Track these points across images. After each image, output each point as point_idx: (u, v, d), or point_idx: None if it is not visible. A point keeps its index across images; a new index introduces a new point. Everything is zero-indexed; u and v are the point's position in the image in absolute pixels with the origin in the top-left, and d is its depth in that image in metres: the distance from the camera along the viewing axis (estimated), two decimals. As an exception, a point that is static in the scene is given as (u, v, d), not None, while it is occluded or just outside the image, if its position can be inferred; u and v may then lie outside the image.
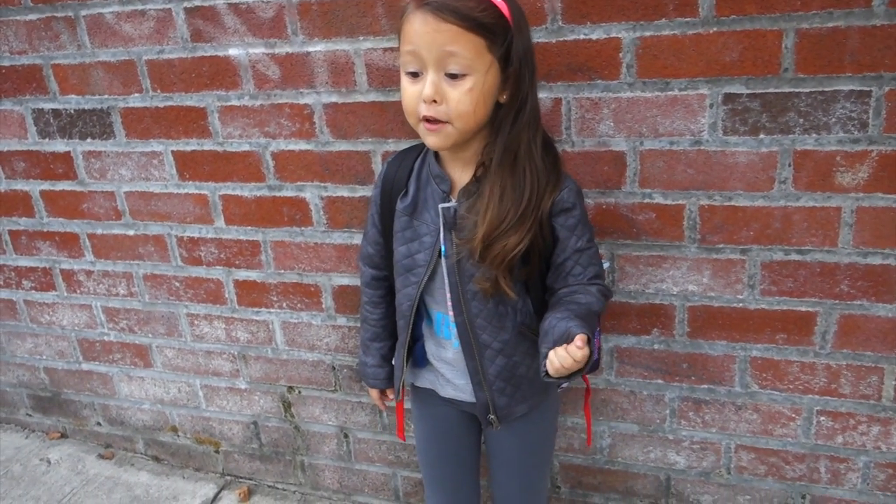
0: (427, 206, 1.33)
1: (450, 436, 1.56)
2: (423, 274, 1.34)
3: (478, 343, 1.33)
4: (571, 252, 1.30)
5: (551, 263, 1.32)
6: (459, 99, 1.16)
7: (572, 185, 1.29)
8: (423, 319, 1.44)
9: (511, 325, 1.34)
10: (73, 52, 1.91)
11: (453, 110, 1.17)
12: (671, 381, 1.72)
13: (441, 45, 1.13)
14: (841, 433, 1.64)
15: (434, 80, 1.16)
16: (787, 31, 1.36)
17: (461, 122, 1.18)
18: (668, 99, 1.47)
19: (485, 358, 1.34)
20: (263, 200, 1.89)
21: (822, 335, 1.57)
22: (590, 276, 1.31)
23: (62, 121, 2.02)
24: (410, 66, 1.18)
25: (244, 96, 1.79)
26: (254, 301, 2.04)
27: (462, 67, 1.14)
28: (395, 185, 1.39)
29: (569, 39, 1.48)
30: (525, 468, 1.54)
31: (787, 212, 1.49)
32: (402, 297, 1.41)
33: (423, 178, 1.36)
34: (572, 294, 1.30)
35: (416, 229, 1.34)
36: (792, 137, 1.43)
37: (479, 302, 1.31)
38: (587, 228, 1.32)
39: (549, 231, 1.28)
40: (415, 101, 1.19)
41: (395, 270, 1.41)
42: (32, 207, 2.20)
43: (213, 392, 2.25)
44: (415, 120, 1.23)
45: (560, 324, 1.19)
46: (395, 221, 1.38)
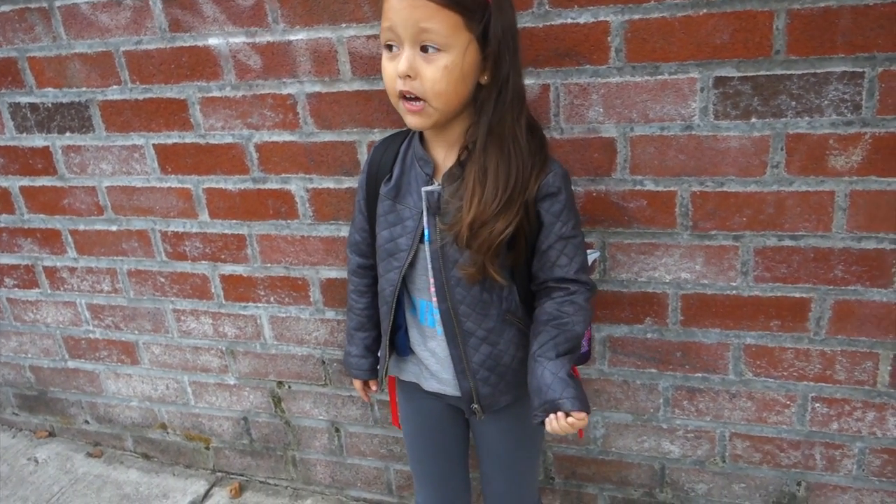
0: (410, 190, 1.31)
1: (436, 429, 1.54)
2: (405, 258, 1.32)
3: (461, 330, 1.31)
4: (556, 239, 1.27)
5: (536, 249, 1.29)
6: (434, 76, 1.14)
7: (558, 170, 1.26)
8: (406, 307, 1.41)
9: (496, 313, 1.31)
10: (48, 44, 1.87)
11: (429, 88, 1.15)
12: (665, 370, 1.70)
13: (417, 21, 1.11)
14: (836, 419, 1.63)
15: (409, 55, 1.14)
16: (778, 12, 1.33)
17: (439, 100, 1.16)
18: (658, 83, 1.44)
19: (468, 346, 1.32)
20: (248, 193, 1.85)
21: (816, 321, 1.55)
22: (576, 269, 1.28)
23: (40, 115, 1.98)
24: (388, 40, 1.16)
25: (225, 87, 1.75)
26: (241, 296, 2.01)
27: (437, 44, 1.13)
28: (380, 169, 1.38)
29: (556, 24, 1.44)
30: (513, 460, 1.52)
31: (780, 197, 1.46)
32: (384, 282, 1.39)
33: (407, 162, 1.33)
34: (561, 312, 1.28)
35: (398, 213, 1.32)
36: (784, 121, 1.40)
37: (462, 288, 1.28)
38: (573, 214, 1.28)
39: (534, 216, 1.26)
40: (393, 78, 1.17)
41: (378, 255, 1.39)
42: (12, 204, 2.15)
43: (201, 388, 2.22)
44: (394, 99, 1.21)
45: (555, 384, 1.22)
46: (378, 205, 1.37)
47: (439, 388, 1.41)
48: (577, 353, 1.30)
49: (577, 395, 1.22)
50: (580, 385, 1.26)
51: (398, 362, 1.49)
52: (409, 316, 1.42)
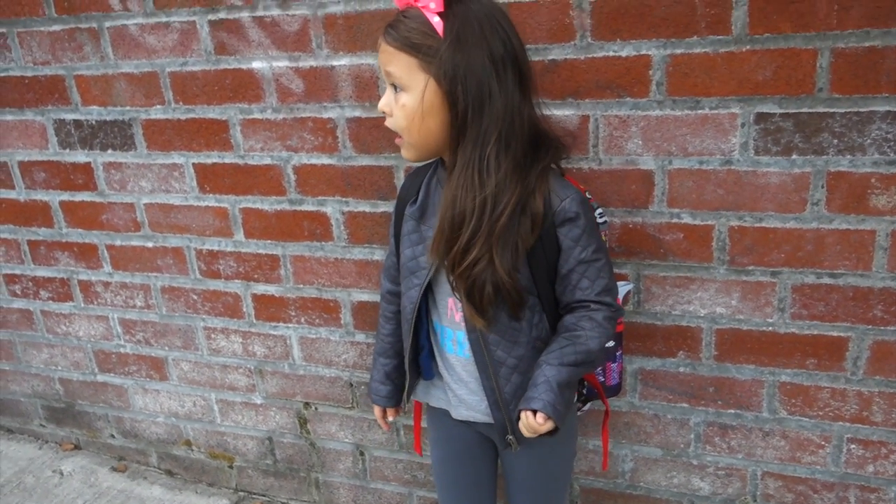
0: (434, 211, 1.34)
1: (465, 458, 1.53)
2: (426, 276, 1.33)
3: (492, 360, 1.31)
4: (576, 263, 1.26)
5: (557, 273, 1.29)
6: (398, 113, 1.25)
7: (575, 195, 1.26)
8: (425, 328, 1.42)
9: (525, 341, 1.31)
10: (96, 64, 1.91)
11: (395, 124, 1.27)
12: (696, 405, 1.68)
13: (384, 64, 1.25)
14: (872, 462, 1.60)
15: (388, 94, 1.26)
16: (822, 51, 1.33)
17: (409, 135, 1.26)
18: (699, 117, 1.44)
19: (500, 376, 1.32)
20: (284, 214, 1.88)
21: (853, 361, 1.53)
22: (598, 291, 1.27)
23: (83, 132, 2.02)
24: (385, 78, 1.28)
25: (267, 109, 1.78)
26: (272, 315, 2.02)
27: (400, 84, 1.23)
28: (408, 192, 1.42)
29: (598, 56, 1.46)
30: (543, 491, 1.50)
31: (820, 234, 1.45)
32: (405, 300, 1.41)
33: (432, 185, 1.37)
34: (576, 325, 1.28)
35: (422, 233, 1.35)
36: (825, 158, 1.40)
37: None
38: (593, 240, 1.27)
39: (554, 242, 1.26)
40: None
41: (401, 275, 1.41)
42: (52, 218, 2.19)
43: (228, 406, 2.23)
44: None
45: (541, 386, 1.24)
46: (402, 226, 1.39)
47: (469, 416, 1.41)
48: (584, 368, 1.27)
49: (553, 403, 1.22)
50: (566, 398, 1.25)
51: (426, 388, 1.49)
52: (434, 341, 1.43)
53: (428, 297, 1.39)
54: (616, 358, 1.50)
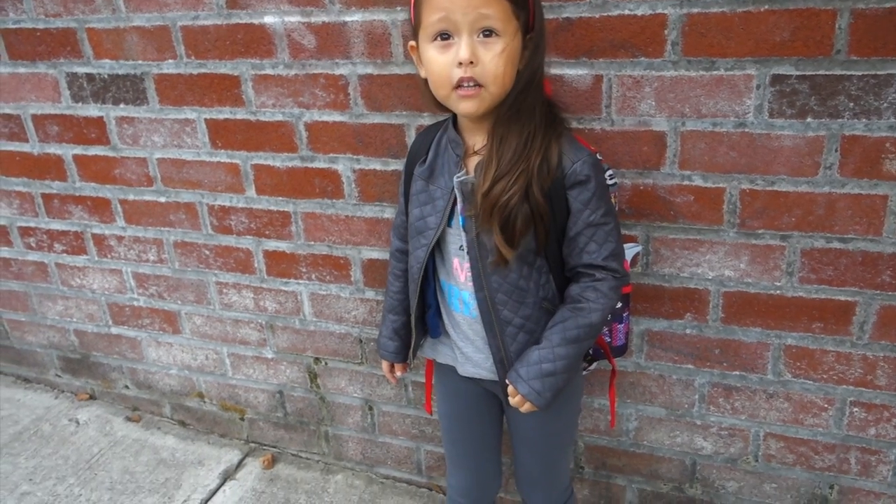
0: (443, 172, 1.34)
1: (471, 412, 1.56)
2: (433, 236, 1.35)
3: (498, 319, 1.32)
4: (584, 226, 1.27)
5: (566, 235, 1.30)
6: (493, 60, 1.17)
7: (587, 158, 1.26)
8: (432, 287, 1.44)
9: (532, 301, 1.32)
10: (107, 17, 1.90)
11: (489, 72, 1.17)
12: (702, 367, 1.70)
13: (476, 7, 1.14)
14: (874, 425, 1.62)
15: (469, 42, 1.16)
16: (841, 11, 1.31)
17: (495, 85, 1.19)
18: (714, 79, 1.43)
19: (506, 335, 1.33)
20: (295, 171, 1.88)
21: (860, 325, 1.54)
22: (605, 255, 1.28)
23: (96, 85, 2.02)
24: (441, 29, 1.17)
25: (279, 65, 1.77)
26: (283, 272, 2.04)
27: (495, 29, 1.16)
28: (418, 152, 1.42)
29: (613, 14, 1.44)
30: (547, 447, 1.53)
31: (832, 198, 1.45)
32: (412, 259, 1.42)
33: (441, 145, 1.37)
34: (581, 296, 1.29)
35: (430, 193, 1.36)
36: (840, 122, 1.39)
37: (499, 276, 1.29)
38: (603, 203, 1.28)
39: (563, 204, 1.26)
40: (448, 68, 1.18)
41: (409, 234, 1.42)
42: (65, 171, 2.21)
43: (239, 360, 2.26)
44: (447, 90, 1.21)
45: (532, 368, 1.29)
46: (412, 185, 1.40)
47: (475, 373, 1.43)
48: (585, 343, 1.30)
49: (540, 391, 1.28)
50: (555, 385, 1.29)
51: (434, 344, 1.51)
52: (440, 299, 1.45)
53: (436, 256, 1.40)
54: (622, 319, 1.52)
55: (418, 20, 1.21)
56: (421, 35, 1.21)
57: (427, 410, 1.66)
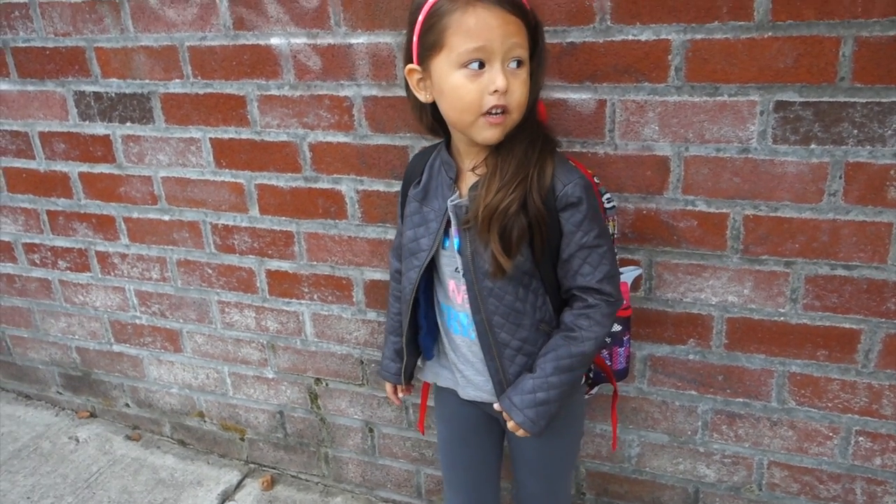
0: (437, 194, 1.35)
1: (471, 438, 1.54)
2: (425, 258, 1.35)
3: (496, 341, 1.32)
4: (577, 248, 1.26)
5: (559, 258, 1.30)
6: (520, 88, 1.20)
7: (579, 180, 1.25)
8: (423, 308, 1.43)
9: (529, 323, 1.32)
10: (116, 36, 1.92)
11: (515, 100, 1.20)
12: (705, 393, 1.68)
13: (510, 37, 1.16)
14: (880, 455, 1.60)
15: (503, 70, 1.17)
16: (845, 39, 1.31)
17: (518, 112, 1.22)
18: (717, 104, 1.43)
19: (504, 357, 1.33)
20: (299, 191, 1.88)
21: (865, 354, 1.52)
22: (599, 278, 1.27)
23: (103, 104, 2.03)
24: (475, 57, 1.16)
25: (284, 86, 1.78)
26: (285, 291, 2.04)
27: (523, 58, 1.19)
28: (412, 175, 1.43)
29: (616, 40, 1.44)
30: (548, 471, 1.52)
31: (836, 225, 1.44)
32: (405, 280, 1.42)
33: (435, 167, 1.38)
34: (574, 325, 1.29)
35: (424, 215, 1.36)
36: (845, 149, 1.38)
37: (495, 298, 1.29)
38: (595, 224, 1.27)
39: (556, 225, 1.26)
40: (481, 96, 1.18)
41: (403, 255, 1.43)
42: (71, 189, 2.22)
43: (240, 380, 2.25)
44: (474, 117, 1.20)
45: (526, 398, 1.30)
46: (406, 206, 1.41)
47: (476, 396, 1.42)
48: (578, 372, 1.31)
49: (533, 420, 1.29)
50: (548, 413, 1.30)
51: (434, 368, 1.51)
52: (440, 321, 1.44)
53: (434, 278, 1.40)
54: (623, 343, 1.51)
55: (438, 46, 1.19)
56: (441, 60, 1.19)
57: (420, 430, 1.65)
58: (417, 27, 1.22)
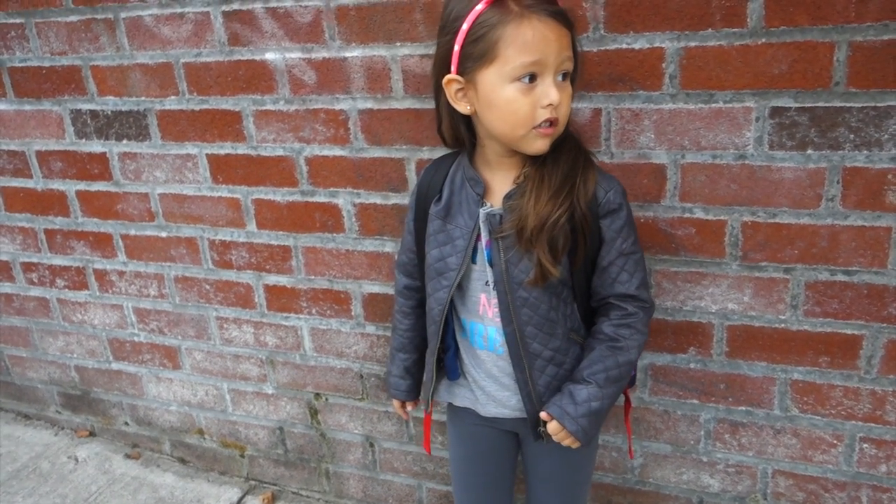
0: (461, 210, 1.32)
1: (488, 458, 1.52)
2: (455, 277, 1.32)
3: (527, 353, 1.30)
4: (617, 255, 1.28)
5: (597, 266, 1.30)
6: (566, 100, 1.20)
7: (618, 187, 1.28)
8: (452, 328, 1.41)
9: (562, 332, 1.31)
10: (111, 54, 1.92)
11: (563, 113, 1.20)
12: (707, 402, 1.67)
13: (563, 50, 1.16)
14: (885, 462, 1.58)
15: (556, 84, 1.17)
16: (839, 44, 1.31)
17: (563, 124, 1.23)
18: (713, 111, 1.43)
19: (534, 369, 1.31)
20: (296, 205, 1.88)
21: (867, 359, 1.51)
22: (637, 284, 1.29)
23: (99, 122, 2.04)
24: (530, 72, 1.15)
25: (279, 101, 1.78)
26: (283, 306, 2.03)
27: (571, 69, 1.20)
28: (430, 189, 1.39)
29: (610, 49, 1.45)
30: (568, 484, 1.49)
31: (834, 230, 1.43)
32: (432, 301, 1.38)
33: (456, 182, 1.34)
34: (617, 335, 1.30)
35: (448, 233, 1.33)
36: (841, 154, 1.38)
37: (529, 309, 1.28)
38: (632, 231, 1.29)
39: (596, 232, 1.27)
40: (534, 109, 1.17)
41: (427, 275, 1.39)
42: (68, 207, 2.21)
43: (240, 396, 2.24)
44: (526, 130, 1.19)
45: (582, 407, 1.27)
46: (428, 225, 1.37)
47: (498, 413, 1.40)
48: (624, 381, 1.31)
49: (587, 429, 1.28)
50: (599, 422, 1.30)
51: (450, 387, 1.48)
52: (460, 338, 1.42)
53: (454, 295, 1.36)
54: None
55: (489, 57, 1.15)
56: (491, 73, 1.16)
57: (426, 450, 1.62)
58: (461, 36, 1.16)
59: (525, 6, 1.12)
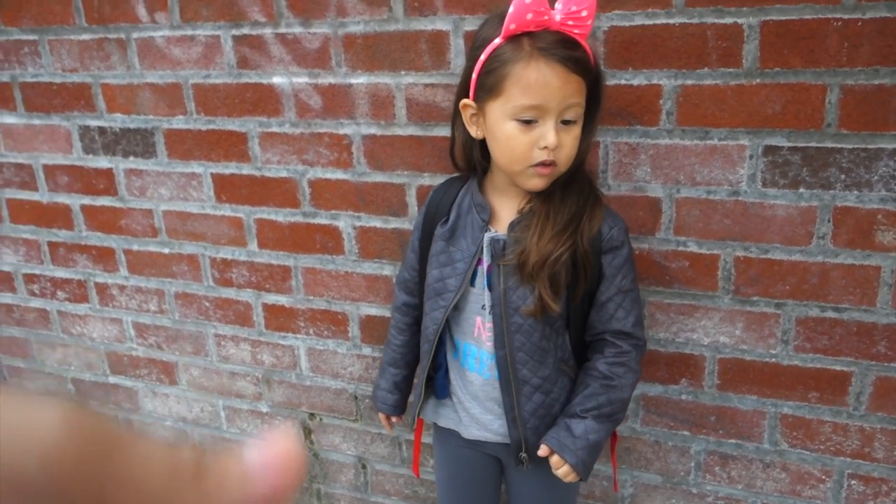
0: (465, 234, 1.35)
1: (471, 480, 1.54)
2: (452, 299, 1.34)
3: (516, 378, 1.32)
4: (616, 291, 1.30)
5: (595, 301, 1.33)
6: (570, 143, 1.21)
7: (622, 225, 1.31)
8: (448, 350, 1.43)
9: (552, 361, 1.33)
10: (122, 73, 1.96)
11: (565, 155, 1.21)
12: (698, 434, 1.68)
13: (567, 97, 1.16)
14: (872, 499, 1.59)
15: (556, 127, 1.18)
16: (831, 87, 1.35)
17: (565, 164, 1.23)
18: (708, 148, 1.46)
19: (521, 394, 1.33)
20: (297, 226, 1.91)
21: (856, 396, 1.53)
22: (633, 322, 1.32)
23: (107, 138, 2.07)
24: (528, 116, 1.18)
25: (285, 124, 1.81)
26: (281, 325, 2.05)
27: (577, 116, 1.21)
28: (438, 211, 1.42)
29: (610, 84, 1.48)
30: None
31: (825, 268, 1.46)
32: (428, 320, 1.41)
33: (464, 207, 1.37)
34: (611, 373, 1.31)
35: (450, 255, 1.36)
36: (833, 193, 1.41)
37: (522, 335, 1.30)
38: (632, 269, 1.33)
39: (597, 268, 1.29)
40: (530, 149, 1.19)
41: (426, 294, 1.42)
42: (72, 220, 2.24)
43: (234, 413, 2.25)
44: (522, 167, 1.22)
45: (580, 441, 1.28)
46: (431, 246, 1.40)
47: (480, 436, 1.42)
48: (618, 417, 1.33)
49: (586, 462, 1.29)
50: (597, 455, 1.31)
51: (436, 407, 1.50)
52: (451, 359, 1.44)
53: (450, 315, 1.39)
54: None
55: (496, 92, 1.18)
56: (496, 107, 1.19)
57: (415, 472, 1.64)
58: (478, 66, 1.20)
59: (538, 48, 1.13)
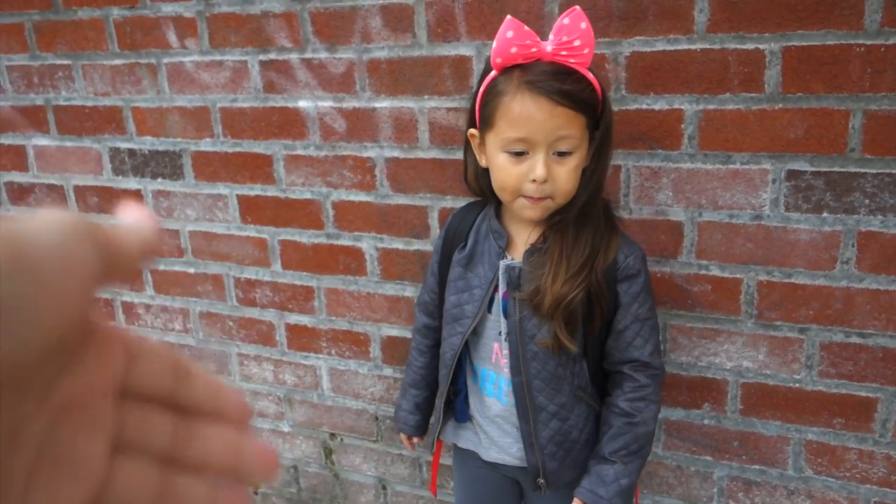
0: (482, 260, 1.35)
1: (491, 501, 1.53)
2: (469, 325, 1.35)
3: (533, 405, 1.32)
4: (633, 320, 1.30)
5: (612, 329, 1.32)
6: (565, 176, 1.19)
7: (638, 252, 1.31)
8: (465, 373, 1.44)
9: (568, 389, 1.33)
10: (152, 97, 2.01)
11: (560, 188, 1.20)
12: (720, 459, 1.67)
13: (555, 130, 1.15)
14: (900, 528, 1.57)
15: (545, 160, 1.17)
16: (854, 112, 1.35)
17: (563, 197, 1.22)
18: (730, 172, 1.46)
19: (539, 421, 1.33)
20: (321, 248, 1.93)
21: (882, 423, 1.51)
22: (650, 350, 1.31)
23: (136, 160, 2.12)
24: (516, 149, 1.18)
25: (310, 146, 1.84)
26: (303, 345, 2.07)
27: (571, 148, 1.18)
28: (456, 236, 1.43)
29: (631, 109, 1.49)
30: None
31: (850, 293, 1.45)
32: (446, 345, 1.42)
33: (481, 233, 1.38)
34: (633, 410, 1.31)
35: (468, 281, 1.36)
36: (856, 218, 1.40)
37: (538, 363, 1.30)
38: (649, 296, 1.32)
39: (612, 296, 1.29)
40: (520, 181, 1.20)
41: (444, 319, 1.43)
42: (101, 240, 2.28)
43: (256, 433, 2.27)
44: (512, 196, 1.23)
45: (613, 486, 1.28)
46: (450, 271, 1.41)
47: (499, 458, 1.42)
48: (647, 451, 1.33)
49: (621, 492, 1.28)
50: (631, 496, 1.32)
51: (455, 429, 1.51)
52: (470, 383, 1.44)
53: (469, 340, 1.39)
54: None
55: (490, 122, 1.20)
56: (491, 137, 1.21)
57: (432, 492, 1.64)
58: (479, 97, 1.23)
59: (525, 80, 1.13)
